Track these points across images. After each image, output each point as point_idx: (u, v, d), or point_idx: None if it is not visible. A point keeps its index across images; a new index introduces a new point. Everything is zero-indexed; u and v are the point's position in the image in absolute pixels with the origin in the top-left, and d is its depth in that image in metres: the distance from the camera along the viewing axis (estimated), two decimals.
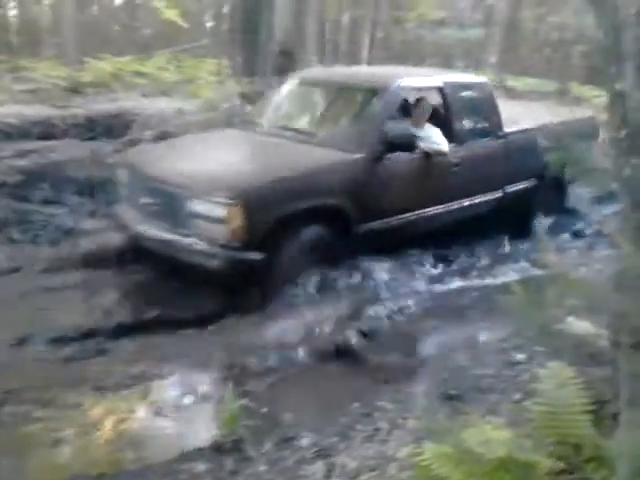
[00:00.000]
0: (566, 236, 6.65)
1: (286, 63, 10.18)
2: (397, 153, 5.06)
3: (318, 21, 13.69)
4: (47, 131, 7.95)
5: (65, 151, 7.49)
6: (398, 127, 5.10)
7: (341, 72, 6.92)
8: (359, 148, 4.98)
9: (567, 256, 6.14)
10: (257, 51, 9.45)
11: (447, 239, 5.70)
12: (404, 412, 3.15)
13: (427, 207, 5.39)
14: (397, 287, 5.05)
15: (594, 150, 3.04)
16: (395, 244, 5.20)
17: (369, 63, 11.78)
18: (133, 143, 8.17)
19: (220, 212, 4.31)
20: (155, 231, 4.69)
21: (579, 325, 3.38)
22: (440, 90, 5.69)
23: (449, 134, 5.52)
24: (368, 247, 4.96)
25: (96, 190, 7.02)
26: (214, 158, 5.11)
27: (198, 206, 4.43)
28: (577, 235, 6.83)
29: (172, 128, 8.46)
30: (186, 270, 4.62)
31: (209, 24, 20.03)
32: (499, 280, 5.48)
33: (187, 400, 3.49)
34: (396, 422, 3.05)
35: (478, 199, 5.92)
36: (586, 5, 2.01)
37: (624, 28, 2.06)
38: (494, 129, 6.00)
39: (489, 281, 5.52)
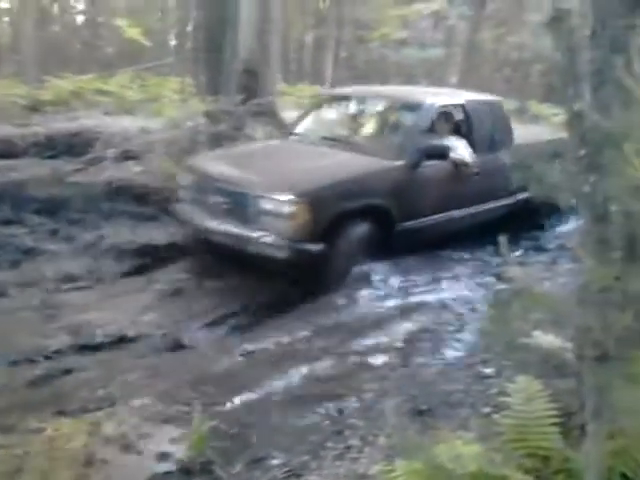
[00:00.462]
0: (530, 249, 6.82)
1: (250, 82, 10.20)
2: (431, 162, 5.84)
3: (282, 40, 13.77)
4: (7, 149, 7.81)
5: (25, 170, 7.37)
6: (433, 139, 5.97)
7: (377, 90, 7.80)
8: (400, 156, 5.75)
9: (531, 270, 6.28)
10: (221, 70, 9.43)
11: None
12: (375, 429, 3.15)
13: (453, 210, 6.07)
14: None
15: (555, 167, 3.13)
16: (425, 242, 5.91)
17: (333, 82, 11.90)
18: (95, 162, 8.09)
19: (288, 209, 4.99)
20: (225, 226, 5.33)
21: (545, 339, 3.45)
22: (462, 107, 6.52)
23: (471, 146, 6.33)
24: (405, 244, 5.70)
25: (57, 209, 6.92)
26: (275, 164, 5.86)
27: (267, 204, 5.11)
28: (540, 249, 6.98)
29: (136, 147, 8.40)
30: (253, 261, 5.29)
31: (173, 42, 20.00)
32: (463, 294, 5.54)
33: (155, 421, 3.43)
34: (367, 439, 3.05)
35: (494, 204, 6.64)
36: (543, 27, 2.07)
37: (579, 50, 2.12)
38: (506, 142, 6.73)
39: (449, 294, 5.57)
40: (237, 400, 3.65)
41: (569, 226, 7.00)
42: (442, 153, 5.86)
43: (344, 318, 4.93)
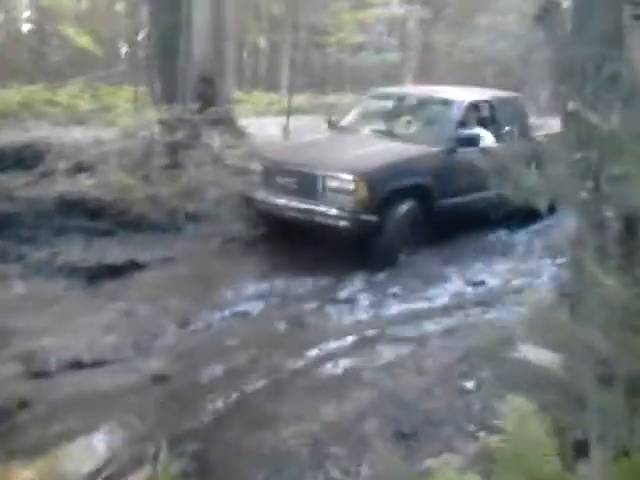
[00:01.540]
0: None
1: (206, 89, 9.94)
2: (464, 148, 6.80)
3: (236, 46, 13.53)
4: None
5: None
6: (465, 130, 7.01)
7: (415, 89, 9.19)
8: (438, 144, 6.79)
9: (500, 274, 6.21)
10: (176, 77, 9.12)
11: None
12: (356, 458, 2.93)
13: (481, 191, 6.48)
14: None
15: (531, 169, 3.00)
16: (460, 220, 6.79)
17: (289, 89, 11.73)
18: (46, 175, 7.72)
19: (350, 186, 6.05)
20: (295, 203, 6.37)
21: (533, 352, 3.30)
22: (488, 102, 7.68)
23: (495, 135, 7.28)
24: (442, 220, 6.54)
25: (6, 226, 6.54)
26: (335, 150, 6.97)
27: (333, 182, 6.18)
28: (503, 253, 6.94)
29: (88, 158, 8.05)
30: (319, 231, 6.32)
31: (124, 50, 19.51)
32: (437, 303, 5.41)
33: (115, 461, 3.15)
34: (349, 470, 2.84)
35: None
36: (533, 20, 1.91)
37: (571, 44, 1.97)
38: (525, 132, 7.67)
39: (424, 305, 5.45)
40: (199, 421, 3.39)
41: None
42: (473, 141, 6.84)
43: None
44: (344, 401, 3.65)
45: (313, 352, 4.46)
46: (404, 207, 6.29)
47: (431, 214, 6.49)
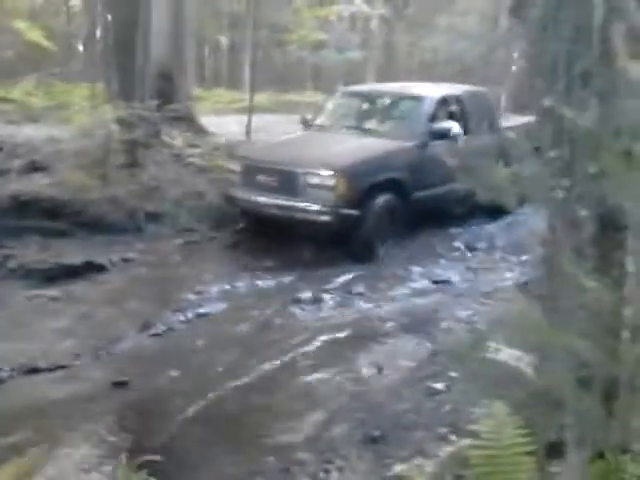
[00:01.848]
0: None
1: (165, 86, 9.71)
2: (436, 142, 7.02)
3: (196, 43, 13.30)
4: None
5: None
6: (436, 123, 7.17)
7: (386, 86, 9.07)
8: (411, 138, 6.99)
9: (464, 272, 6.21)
10: (133, 74, 8.87)
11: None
12: (324, 463, 2.85)
13: (453, 183, 6.57)
14: None
15: (499, 168, 2.96)
16: (433, 211, 7.07)
17: (251, 86, 11.57)
18: (0, 174, 7.43)
19: (330, 182, 6.24)
20: (276, 200, 6.49)
21: (503, 352, 3.27)
22: (457, 97, 7.83)
23: (465, 128, 7.42)
24: (417, 212, 6.73)
25: None
26: (313, 147, 7.15)
27: (313, 179, 6.33)
28: (470, 248, 6.95)
29: (43, 157, 7.78)
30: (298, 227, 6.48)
31: (81, 47, 19.03)
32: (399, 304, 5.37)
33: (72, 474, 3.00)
34: (318, 477, 2.75)
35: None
36: (508, 14, 1.84)
37: (547, 40, 1.92)
38: (493, 125, 8.03)
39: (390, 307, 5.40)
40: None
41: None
42: (444, 134, 7.07)
43: None
44: (310, 404, 3.57)
45: (277, 354, 4.37)
46: (382, 200, 6.48)
47: (407, 206, 6.69)
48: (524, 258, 6.34)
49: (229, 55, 20.88)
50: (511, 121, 8.38)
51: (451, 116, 7.57)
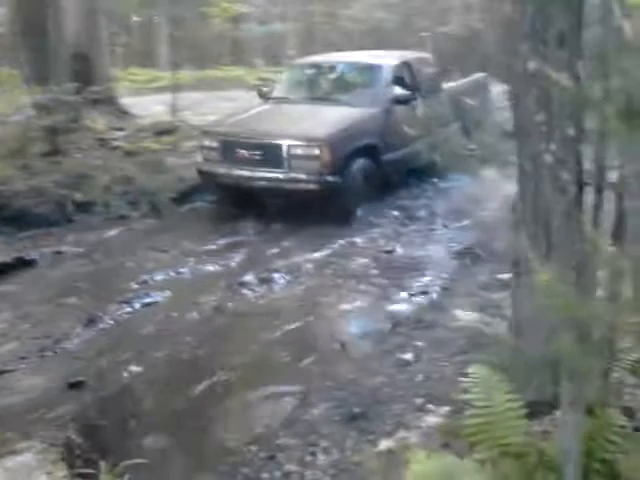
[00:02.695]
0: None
1: (82, 67, 9.23)
2: (398, 106, 7.52)
3: (110, 20, 12.69)
4: None
5: None
6: (395, 90, 7.62)
7: (343, 55, 9.32)
8: (377, 105, 7.40)
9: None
10: (47, 56, 8.38)
11: None
12: (309, 446, 2.80)
13: (413, 145, 7.46)
14: None
15: (458, 134, 2.97)
16: (403, 171, 7.56)
17: (170, 63, 11.16)
18: None
19: (315, 152, 6.55)
20: (260, 173, 6.73)
21: (465, 316, 3.31)
22: (408, 64, 8.23)
23: (417, 92, 7.94)
24: (388, 173, 7.22)
25: None
26: (289, 120, 7.29)
27: (298, 150, 6.60)
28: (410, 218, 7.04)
29: None
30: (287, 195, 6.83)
31: None
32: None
33: None
34: (305, 461, 2.70)
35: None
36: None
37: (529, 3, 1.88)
38: (437, 88, 8.58)
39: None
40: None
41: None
42: (406, 99, 7.64)
43: None
44: (282, 388, 3.51)
45: (231, 340, 4.28)
46: (359, 165, 6.88)
47: (379, 169, 7.11)
48: (463, 223, 6.49)
49: (140, 32, 20.08)
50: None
51: (405, 81, 8.04)
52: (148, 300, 5.15)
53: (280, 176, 6.66)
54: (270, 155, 6.69)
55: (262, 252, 6.08)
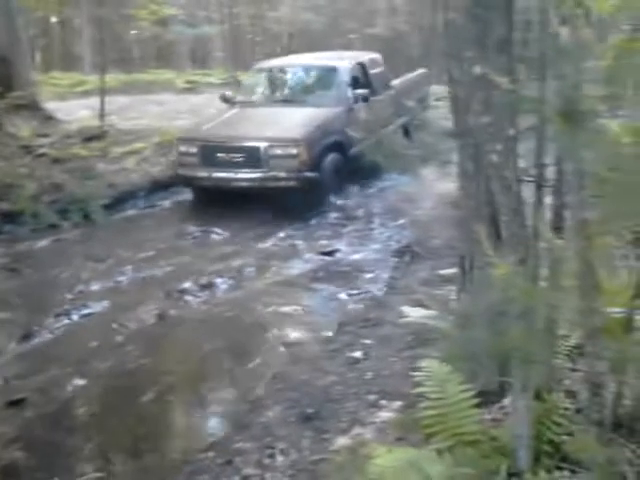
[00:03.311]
0: None
1: (2, 70, 8.86)
2: (357, 105, 8.11)
3: (27, 22, 12.21)
4: None
5: None
6: (354, 89, 8.20)
7: (301, 59, 9.94)
8: (339, 104, 7.99)
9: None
10: None
11: None
12: (266, 448, 2.81)
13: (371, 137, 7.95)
14: None
15: (398, 136, 3.05)
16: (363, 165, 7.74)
17: (94, 67, 10.85)
18: None
19: (293, 151, 7.07)
20: (241, 174, 7.18)
21: (413, 312, 3.40)
22: (362, 65, 8.86)
23: (371, 90, 8.52)
24: (353, 167, 7.60)
25: None
26: (261, 123, 7.73)
27: (276, 151, 7.08)
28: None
29: None
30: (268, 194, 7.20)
31: None
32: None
33: None
34: (263, 463, 2.71)
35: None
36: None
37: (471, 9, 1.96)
38: (388, 85, 9.26)
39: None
40: None
41: None
42: (364, 97, 8.18)
43: None
44: (234, 392, 3.50)
45: (178, 349, 4.22)
46: (331, 160, 7.39)
47: (346, 163, 7.59)
48: (400, 222, 6.64)
49: (60, 34, 19.43)
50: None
51: (360, 81, 8.62)
52: (86, 311, 5.02)
53: (260, 176, 7.10)
54: (249, 157, 7.15)
55: (201, 256, 6.03)
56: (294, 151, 7.07)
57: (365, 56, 9.48)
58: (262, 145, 7.11)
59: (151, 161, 8.64)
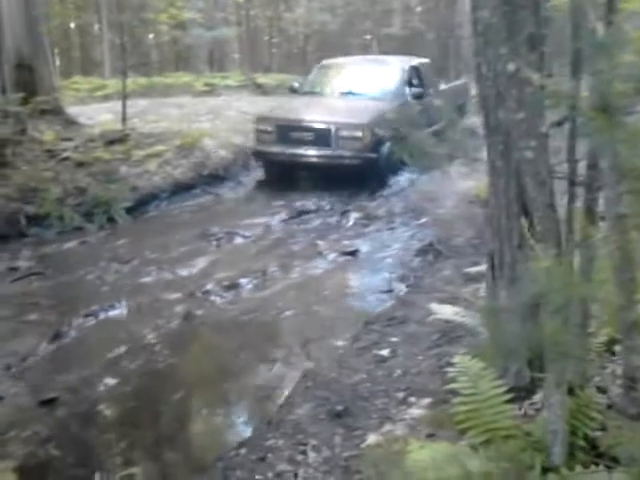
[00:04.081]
0: None
1: (27, 77, 8.99)
2: (413, 101, 9.15)
3: (48, 28, 12.36)
4: None
5: None
6: (411, 88, 9.51)
7: (366, 58, 11.81)
8: (396, 99, 9.08)
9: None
10: None
11: None
12: (299, 445, 2.84)
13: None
14: None
15: (425, 136, 3.07)
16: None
17: (114, 71, 10.98)
18: None
19: (359, 134, 8.29)
20: (312, 151, 8.45)
21: (442, 309, 3.42)
22: (416, 67, 10.24)
23: (424, 91, 9.60)
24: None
25: None
26: (328, 109, 9.00)
27: (344, 132, 8.33)
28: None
29: None
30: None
31: None
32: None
33: None
34: (296, 460, 2.74)
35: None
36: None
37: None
38: (436, 89, 10.52)
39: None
40: None
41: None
42: (420, 95, 9.27)
43: None
44: (264, 390, 3.53)
45: (204, 348, 4.26)
46: (388, 146, 8.05)
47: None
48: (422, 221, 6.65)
49: (79, 40, 19.66)
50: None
51: (415, 81, 9.81)
52: (113, 312, 5.08)
53: (329, 153, 8.32)
54: (320, 137, 8.35)
55: (225, 257, 6.08)
56: (359, 134, 8.23)
57: (419, 60, 10.73)
58: (332, 127, 8.32)
59: (173, 163, 8.74)
